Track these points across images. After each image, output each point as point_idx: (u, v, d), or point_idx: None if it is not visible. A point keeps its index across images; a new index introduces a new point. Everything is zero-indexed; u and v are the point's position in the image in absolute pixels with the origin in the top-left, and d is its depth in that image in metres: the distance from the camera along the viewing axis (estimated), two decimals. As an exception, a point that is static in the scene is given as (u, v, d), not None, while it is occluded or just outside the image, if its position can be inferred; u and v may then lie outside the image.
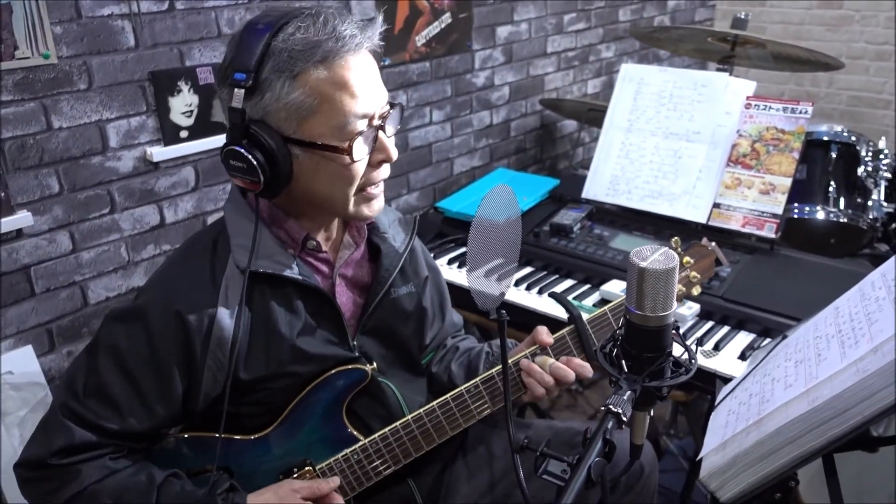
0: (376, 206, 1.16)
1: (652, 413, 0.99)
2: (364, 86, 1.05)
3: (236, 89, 1.02)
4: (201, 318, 1.08)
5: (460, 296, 1.87)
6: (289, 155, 1.05)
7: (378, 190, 1.15)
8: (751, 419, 1.04)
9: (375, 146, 1.10)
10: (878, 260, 2.59)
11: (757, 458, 0.97)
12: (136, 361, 1.08)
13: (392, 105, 1.12)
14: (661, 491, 1.57)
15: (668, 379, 0.92)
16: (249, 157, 1.02)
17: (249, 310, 1.11)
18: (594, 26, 3.10)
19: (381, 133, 1.09)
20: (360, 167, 1.08)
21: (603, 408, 0.85)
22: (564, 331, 1.28)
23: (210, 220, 1.93)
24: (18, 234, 1.59)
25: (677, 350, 0.92)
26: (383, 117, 1.09)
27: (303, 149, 1.05)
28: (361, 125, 1.06)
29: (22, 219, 1.57)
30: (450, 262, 2.04)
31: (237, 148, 1.03)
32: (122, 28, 1.65)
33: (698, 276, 1.32)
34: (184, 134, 1.80)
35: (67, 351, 1.74)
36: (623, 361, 0.92)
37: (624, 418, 0.85)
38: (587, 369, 1.24)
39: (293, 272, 1.13)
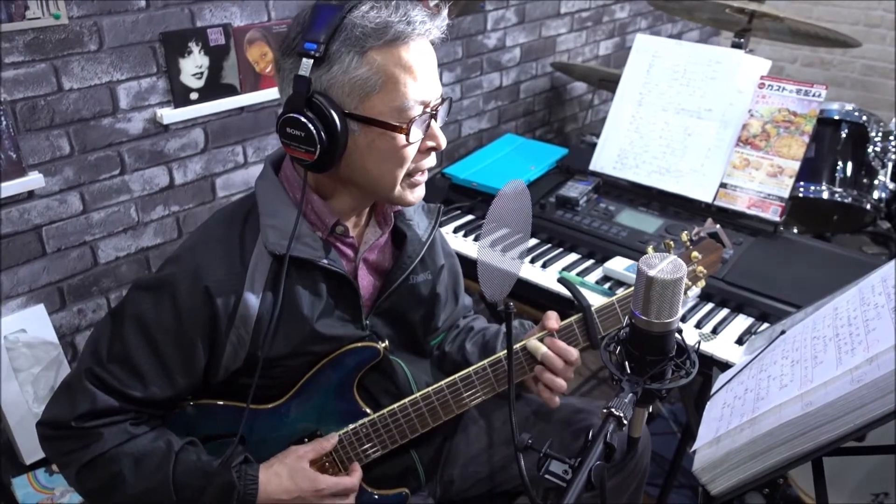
0: (419, 193, 1.17)
1: (651, 410, 1.03)
2: (426, 73, 1.08)
3: (304, 59, 1.03)
4: (228, 296, 1.11)
5: (467, 265, 1.90)
6: (346, 129, 1.06)
7: (424, 177, 1.17)
8: (745, 416, 1.07)
9: (427, 133, 1.12)
10: (879, 237, 2.62)
11: (748, 456, 1.01)
12: (162, 332, 1.11)
13: (443, 99, 1.15)
14: (651, 456, 1.63)
15: (669, 381, 0.95)
16: (309, 125, 1.03)
17: (275, 291, 1.13)
18: (609, -14, 3.05)
19: (433, 121, 1.12)
20: (411, 151, 1.10)
21: (605, 410, 0.89)
22: (572, 319, 1.30)
23: (218, 181, 1.94)
24: (30, 195, 1.60)
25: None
26: (436, 108, 1.12)
27: (361, 125, 1.07)
28: (418, 110, 1.08)
29: (33, 180, 1.58)
30: (456, 230, 2.06)
31: (298, 116, 1.04)
32: (132, -12, 1.63)
33: (704, 271, 1.34)
34: (194, 96, 1.79)
35: (78, 309, 1.77)
36: (626, 362, 0.96)
37: (625, 422, 0.88)
38: (572, 353, 1.27)
39: (321, 256, 1.15)
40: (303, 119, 1.04)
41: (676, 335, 0.95)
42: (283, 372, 1.21)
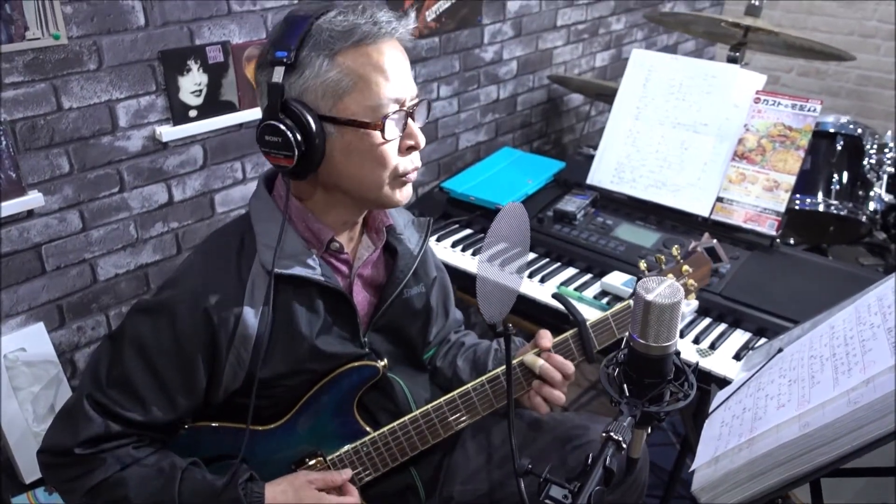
0: (407, 192, 1.19)
1: (650, 431, 1.04)
2: (397, 72, 1.09)
3: (276, 67, 1.06)
4: (227, 316, 1.11)
5: (465, 280, 1.91)
6: (323, 132, 1.08)
7: (413, 176, 1.18)
8: (743, 436, 1.08)
9: (405, 132, 1.13)
10: (875, 248, 2.63)
11: (747, 477, 1.01)
12: (162, 355, 1.12)
13: (420, 99, 1.16)
14: (650, 468, 1.63)
15: (667, 403, 0.96)
16: (285, 130, 1.05)
17: (273, 309, 1.14)
18: (605, -2, 3.06)
19: (409, 120, 1.13)
20: (390, 150, 1.11)
21: (604, 434, 0.89)
22: (568, 334, 1.32)
23: (217, 197, 1.95)
24: (30, 213, 1.61)
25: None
26: (413, 107, 1.13)
27: (337, 126, 1.08)
28: (393, 108, 1.09)
29: (33, 199, 1.58)
30: (454, 244, 2.07)
31: (274, 122, 1.06)
32: (132, 7, 1.63)
33: (695, 284, 1.35)
34: (193, 113, 1.80)
35: (77, 326, 1.77)
36: (625, 385, 0.96)
37: (624, 445, 0.89)
38: (569, 367, 1.28)
39: (317, 273, 1.16)
40: (278, 125, 1.06)
41: (674, 357, 0.96)
42: (283, 392, 1.21)
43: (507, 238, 1.07)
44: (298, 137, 1.06)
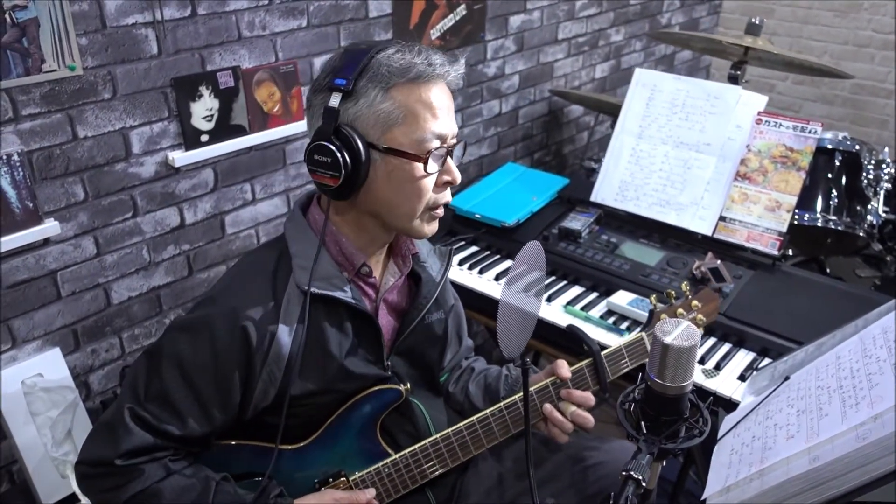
0: (435, 227, 1.24)
1: (664, 464, 1.08)
2: (443, 111, 1.16)
3: (334, 93, 1.12)
4: (263, 334, 1.15)
5: (471, 297, 1.93)
6: (369, 158, 1.13)
7: (441, 212, 1.23)
8: (753, 465, 1.11)
9: (444, 167, 1.18)
10: (871, 259, 2.68)
11: (759, 508, 1.05)
12: (200, 371, 1.15)
13: (459, 140, 1.22)
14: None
15: (682, 440, 1.00)
16: (335, 151, 1.11)
17: (306, 327, 1.17)
18: (605, 11, 3.09)
19: (449, 157, 1.18)
20: (429, 182, 1.17)
21: (624, 473, 0.93)
22: (582, 364, 1.36)
23: (227, 219, 1.97)
24: (46, 241, 1.63)
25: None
26: (453, 146, 1.19)
27: (382, 154, 1.14)
28: (436, 144, 1.15)
29: (49, 227, 1.60)
30: (460, 262, 2.09)
31: (326, 143, 1.11)
32: (145, 36, 1.65)
33: (704, 318, 1.39)
34: (204, 138, 1.82)
35: (91, 349, 1.79)
36: (642, 422, 1.00)
37: (644, 484, 0.92)
38: (590, 399, 1.33)
39: (347, 295, 1.20)
40: (330, 146, 1.11)
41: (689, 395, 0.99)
42: (310, 411, 1.25)
43: (526, 276, 1.10)
44: (347, 159, 1.11)
